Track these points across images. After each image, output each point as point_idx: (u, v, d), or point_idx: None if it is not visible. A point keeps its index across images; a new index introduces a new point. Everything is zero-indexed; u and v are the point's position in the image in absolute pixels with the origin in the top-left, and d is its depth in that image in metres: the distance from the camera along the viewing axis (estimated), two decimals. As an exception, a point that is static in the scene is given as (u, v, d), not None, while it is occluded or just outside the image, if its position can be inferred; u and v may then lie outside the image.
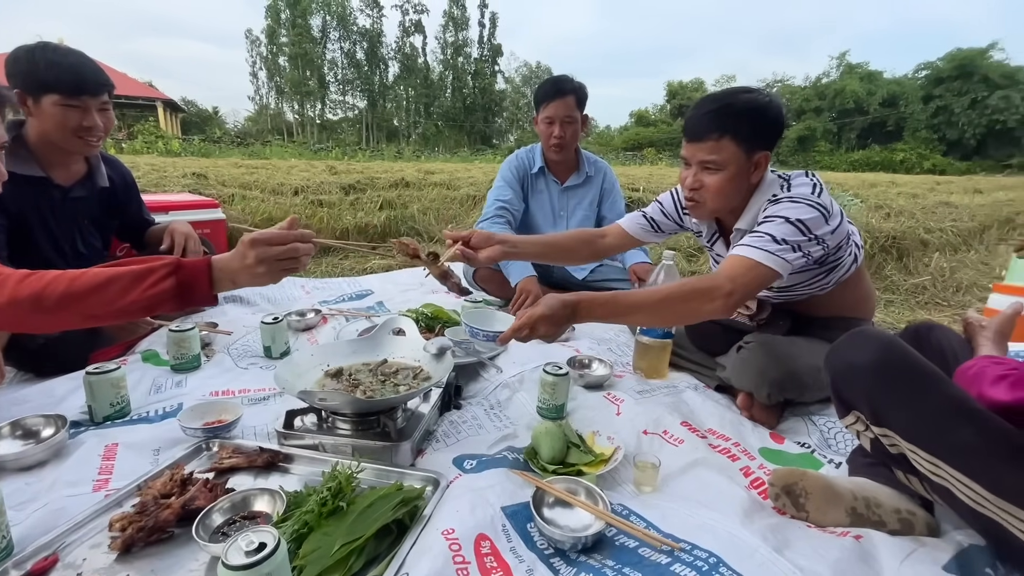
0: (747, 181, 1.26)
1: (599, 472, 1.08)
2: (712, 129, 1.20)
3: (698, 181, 1.26)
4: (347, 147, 28.65)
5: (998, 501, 0.74)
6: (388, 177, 7.55)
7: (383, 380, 1.28)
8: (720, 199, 1.27)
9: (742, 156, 1.21)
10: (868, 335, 0.92)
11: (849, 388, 0.91)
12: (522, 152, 2.28)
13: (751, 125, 1.20)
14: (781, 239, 1.15)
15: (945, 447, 0.78)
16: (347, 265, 3.03)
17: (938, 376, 0.83)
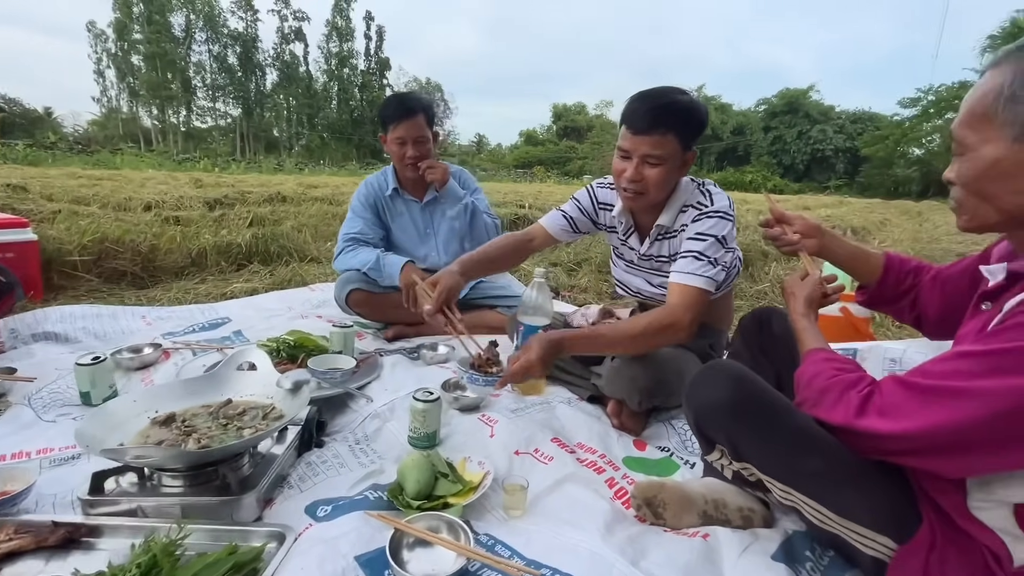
0: (677, 177, 1.36)
1: (467, 502, 1.04)
2: (659, 124, 1.25)
3: (639, 174, 1.29)
4: (219, 158, 26.16)
5: (840, 520, 0.83)
6: (263, 191, 7.00)
7: (225, 424, 1.13)
8: (660, 191, 1.33)
9: (679, 152, 1.29)
10: (721, 371, 0.93)
11: (710, 426, 0.94)
12: (372, 178, 2.20)
13: (690, 124, 1.28)
14: (715, 259, 1.30)
15: (796, 476, 0.85)
16: (203, 290, 2.70)
17: (787, 408, 0.87)
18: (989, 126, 0.69)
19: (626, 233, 1.56)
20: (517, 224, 5.38)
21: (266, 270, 3.14)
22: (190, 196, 5.57)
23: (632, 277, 1.64)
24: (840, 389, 0.79)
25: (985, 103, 0.69)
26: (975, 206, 0.74)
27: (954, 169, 0.76)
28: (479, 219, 2.11)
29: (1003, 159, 0.68)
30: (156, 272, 2.87)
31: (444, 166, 2.05)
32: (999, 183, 0.70)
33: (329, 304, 2.38)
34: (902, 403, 0.71)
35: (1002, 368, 0.63)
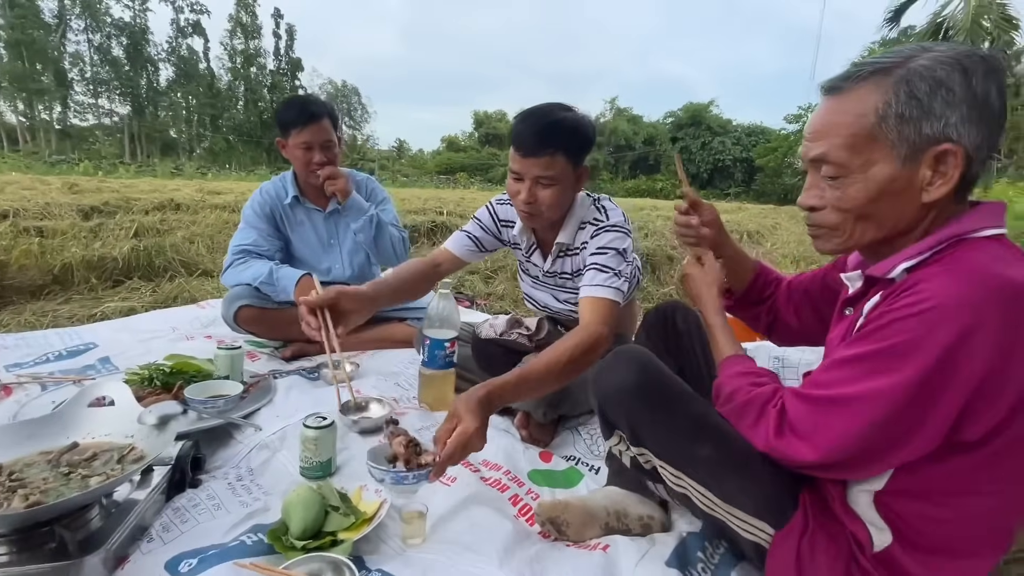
0: (572, 194, 1.36)
1: (359, 536, 0.96)
2: (546, 145, 1.23)
3: (532, 195, 1.28)
4: (103, 160, 23.51)
5: (725, 506, 0.85)
6: (153, 198, 6.35)
7: (67, 473, 0.96)
8: (555, 210, 1.33)
9: (570, 170, 1.29)
10: (628, 356, 0.94)
11: (612, 410, 0.95)
12: (268, 185, 2.04)
13: (578, 141, 1.27)
14: (619, 271, 1.31)
15: (688, 462, 0.86)
16: (65, 312, 2.36)
17: (687, 396, 0.89)
18: (876, 147, 0.67)
19: (529, 250, 1.56)
20: (434, 232, 5.30)
21: (148, 287, 2.82)
22: (60, 203, 4.91)
23: (539, 292, 1.64)
24: (759, 405, 0.78)
25: (864, 124, 0.68)
26: (854, 228, 0.72)
27: (825, 195, 0.73)
28: (384, 232, 2.01)
29: (896, 177, 0.67)
30: (5, 292, 2.47)
31: (346, 177, 1.94)
32: (890, 203, 0.69)
33: (219, 323, 2.17)
34: (806, 417, 0.72)
35: (876, 370, 0.65)
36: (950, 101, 0.64)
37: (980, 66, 0.65)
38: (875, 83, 0.68)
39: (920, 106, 0.65)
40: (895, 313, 0.64)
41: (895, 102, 0.66)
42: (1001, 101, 0.66)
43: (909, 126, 0.65)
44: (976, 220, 0.68)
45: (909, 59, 0.67)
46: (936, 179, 0.66)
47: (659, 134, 41.46)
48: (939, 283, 0.62)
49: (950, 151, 0.65)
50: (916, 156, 0.66)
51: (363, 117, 48.27)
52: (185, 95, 40.43)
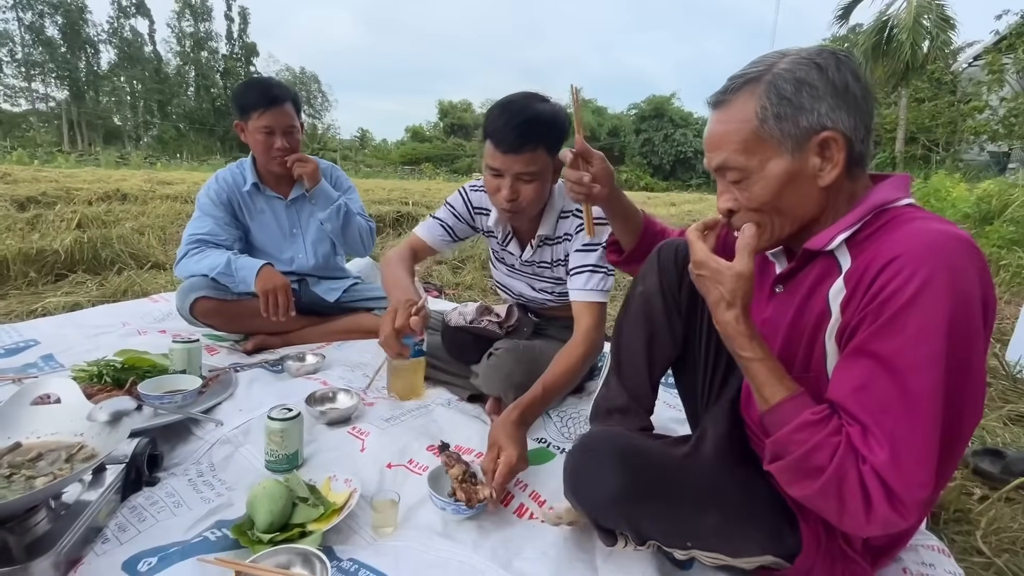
0: (551, 185, 1.34)
1: (329, 526, 0.95)
2: (527, 141, 1.20)
3: (515, 192, 1.26)
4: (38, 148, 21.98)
5: (734, 559, 0.83)
6: (97, 188, 6.01)
7: (9, 474, 0.90)
8: (536, 205, 1.33)
9: (550, 163, 1.27)
10: (602, 454, 0.83)
11: (608, 518, 0.84)
12: (224, 172, 1.95)
13: (556, 134, 1.24)
14: (606, 268, 1.34)
15: (695, 535, 0.82)
16: (1, 307, 2.20)
17: (676, 467, 0.83)
18: (766, 147, 0.73)
19: (505, 240, 1.55)
20: (400, 223, 5.22)
21: (95, 280, 2.66)
22: (-9, 193, 4.57)
23: (513, 281, 1.64)
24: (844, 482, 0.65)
25: (749, 129, 0.73)
26: (772, 222, 0.77)
27: (736, 197, 0.77)
28: (353, 222, 1.96)
29: (791, 170, 0.73)
30: (-69, 288, 2.29)
31: (315, 161, 1.87)
32: (792, 192, 0.74)
33: (174, 317, 2.07)
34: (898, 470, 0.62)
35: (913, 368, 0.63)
36: (814, 95, 0.71)
37: (831, 60, 0.72)
38: (749, 91, 0.74)
39: (791, 104, 0.71)
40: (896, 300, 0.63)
41: (769, 104, 0.72)
42: (860, 86, 0.72)
43: (787, 122, 0.72)
44: (891, 191, 0.74)
45: (772, 65, 0.74)
46: (826, 164, 0.73)
47: (623, 125, 41.93)
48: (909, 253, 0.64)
49: (830, 137, 0.71)
50: (802, 147, 0.72)
51: (323, 106, 46.83)
52: (129, 79, 38.22)
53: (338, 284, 2.09)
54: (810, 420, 0.68)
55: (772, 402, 0.72)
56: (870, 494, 0.63)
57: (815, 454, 0.66)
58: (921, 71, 14.44)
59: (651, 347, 1.03)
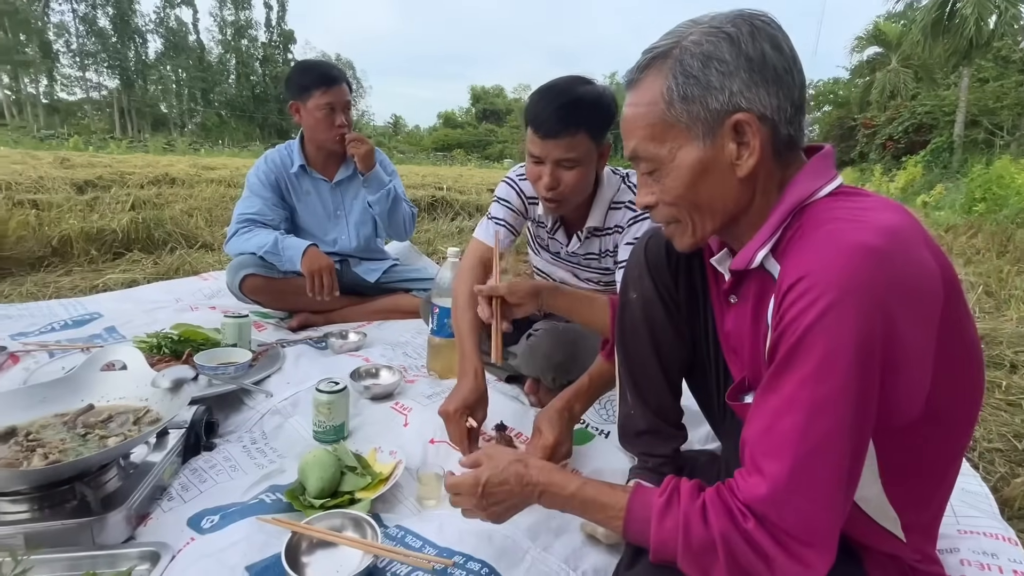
0: (595, 172, 1.27)
1: (376, 495, 0.98)
2: (567, 125, 1.14)
3: (555, 179, 1.19)
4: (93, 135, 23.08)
5: None
6: (147, 172, 6.26)
7: (84, 434, 0.97)
8: (579, 193, 1.25)
9: (593, 149, 1.20)
10: None
11: None
12: (273, 153, 2.00)
13: (600, 117, 1.18)
14: None
15: None
16: (67, 283, 2.34)
17: None
18: (675, 133, 0.65)
19: (553, 228, 1.49)
20: (435, 207, 5.25)
21: (149, 259, 2.79)
22: (53, 177, 4.83)
23: (556, 270, 1.60)
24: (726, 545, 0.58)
25: (657, 113, 0.65)
26: (692, 218, 0.69)
27: (653, 190, 0.70)
28: (400, 206, 2.00)
29: (704, 158, 0.64)
30: (4, 264, 2.44)
31: (370, 144, 1.89)
32: (707, 184, 0.65)
33: (223, 294, 2.16)
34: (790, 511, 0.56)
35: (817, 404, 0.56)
36: (724, 71, 0.62)
37: (744, 28, 0.62)
38: (657, 69, 0.65)
39: (698, 83, 0.62)
40: (796, 329, 0.56)
41: (675, 85, 0.63)
42: (782, 56, 0.62)
43: (695, 105, 0.63)
44: (809, 181, 0.64)
45: (682, 38, 0.64)
46: (742, 151, 0.63)
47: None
48: (812, 274, 0.55)
49: (743, 120, 0.62)
50: (714, 132, 0.63)
51: (358, 92, 47.43)
52: (175, 68, 39.53)
53: (378, 265, 2.13)
54: (662, 505, 0.63)
55: (621, 511, 0.66)
56: (757, 542, 0.56)
57: (690, 532, 0.60)
58: (986, 49, 13.50)
59: (660, 356, 0.93)
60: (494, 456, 0.77)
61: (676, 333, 0.91)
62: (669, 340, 0.92)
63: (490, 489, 0.74)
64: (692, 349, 0.93)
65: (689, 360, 0.95)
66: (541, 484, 0.72)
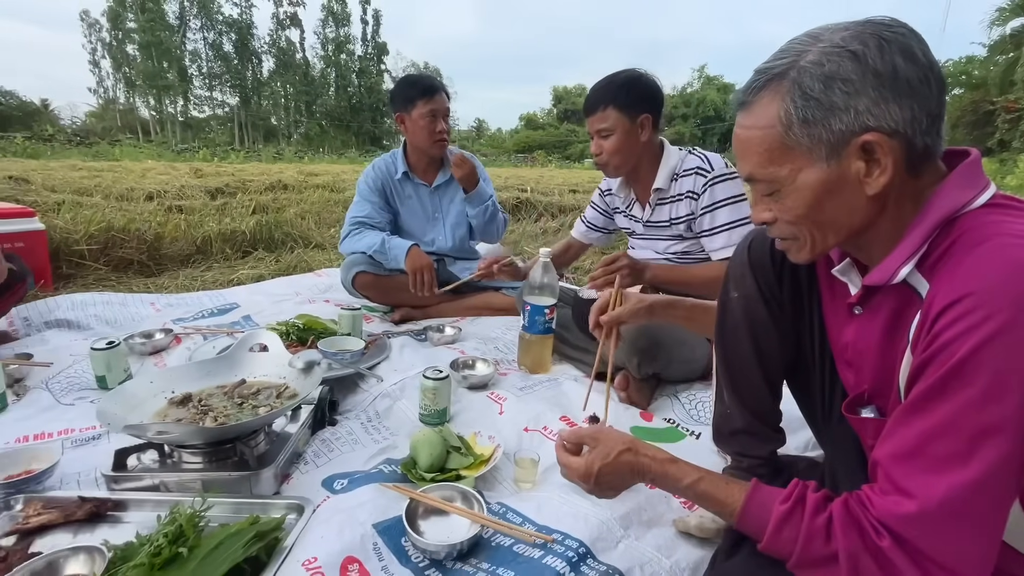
0: (638, 140, 1.49)
1: (478, 474, 1.07)
2: (599, 102, 1.45)
3: (599, 147, 1.50)
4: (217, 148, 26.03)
5: None
6: (264, 180, 6.99)
7: (240, 403, 1.15)
8: (618, 156, 1.50)
9: (626, 120, 1.45)
10: None
11: None
12: (379, 161, 2.19)
13: (629, 93, 1.44)
14: (737, 222, 1.45)
15: None
16: (209, 277, 2.72)
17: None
18: (795, 155, 0.63)
19: (629, 206, 1.70)
20: (519, 208, 5.37)
21: (271, 256, 3.16)
22: (191, 185, 5.58)
23: (642, 251, 1.69)
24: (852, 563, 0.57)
25: (775, 136, 0.63)
26: (813, 235, 0.67)
27: (771, 207, 0.69)
28: (496, 218, 2.16)
29: (828, 179, 0.62)
30: (162, 260, 2.89)
31: (472, 164, 2.03)
32: (832, 203, 0.64)
33: (335, 289, 2.40)
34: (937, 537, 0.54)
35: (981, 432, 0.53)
36: (850, 91, 0.59)
37: (871, 43, 0.58)
38: (772, 91, 0.63)
39: (820, 105, 0.60)
40: (958, 350, 0.52)
41: (793, 108, 0.61)
42: (916, 67, 0.58)
43: (818, 127, 0.60)
44: (958, 192, 0.60)
45: (799, 57, 0.61)
46: (873, 169, 0.60)
47: (752, 103, 38.42)
48: (980, 292, 0.52)
49: (871, 140, 0.59)
50: (839, 152, 0.61)
51: (445, 98, 49.21)
52: (283, 84, 43.48)
53: (471, 265, 2.25)
54: (784, 513, 0.62)
55: (737, 509, 0.67)
56: (891, 561, 0.55)
57: (810, 546, 0.59)
58: None
59: (761, 356, 0.92)
60: (602, 441, 0.79)
61: (779, 334, 0.90)
62: (771, 340, 0.90)
63: (602, 478, 0.77)
64: (796, 351, 0.91)
65: (792, 362, 0.93)
66: (654, 473, 0.76)
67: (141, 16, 35.79)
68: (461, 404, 1.40)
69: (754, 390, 0.96)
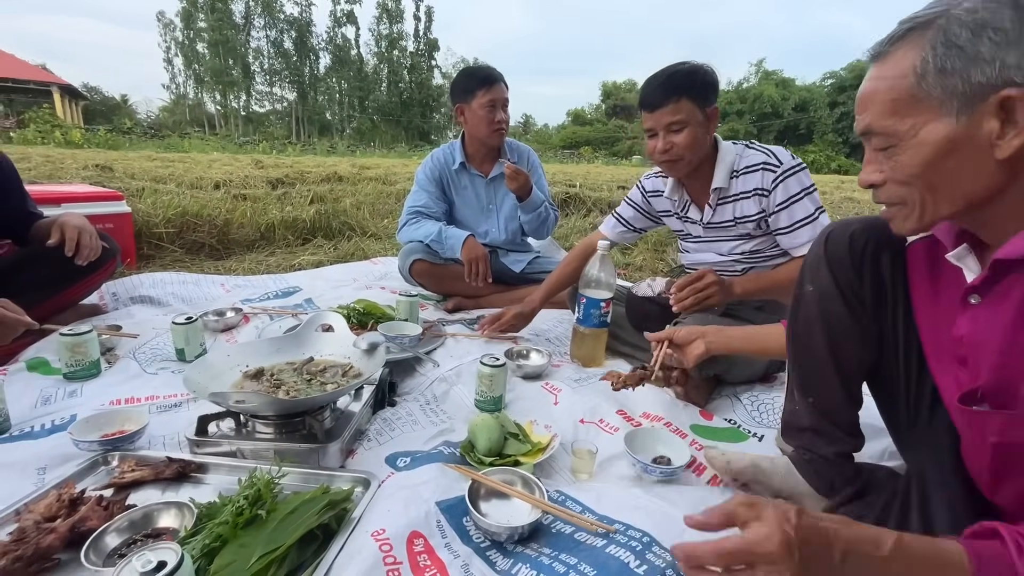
0: (707, 134, 1.42)
1: (536, 461, 1.07)
2: (670, 94, 1.36)
3: (668, 143, 1.39)
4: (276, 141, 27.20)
5: None
6: (320, 172, 7.24)
7: (309, 379, 1.20)
8: (692, 151, 1.41)
9: (698, 112, 1.37)
10: None
11: None
12: (438, 152, 2.21)
13: (699, 84, 1.37)
14: (818, 210, 1.39)
15: None
16: (273, 262, 2.85)
17: None
18: (922, 108, 0.60)
19: (683, 209, 1.59)
20: (567, 203, 5.34)
21: (330, 244, 3.28)
22: (254, 176, 5.85)
23: (701, 254, 1.62)
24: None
25: (904, 86, 0.61)
26: (924, 200, 0.64)
27: (883, 167, 0.65)
28: (547, 221, 2.17)
29: (954, 136, 0.59)
30: (230, 244, 3.06)
31: (525, 175, 2.00)
32: (953, 165, 0.60)
33: (390, 276, 2.47)
34: None
35: None
36: (1000, 41, 0.55)
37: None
38: (914, 40, 0.60)
39: (963, 54, 0.57)
40: None
41: (932, 56, 0.58)
42: None
43: (954, 78, 0.57)
44: None
45: (952, 6, 0.58)
46: (1008, 130, 0.56)
47: (814, 99, 36.55)
48: None
49: (1015, 97, 0.55)
50: (973, 107, 0.57)
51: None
52: (338, 80, 44.85)
53: (523, 257, 2.26)
54: None
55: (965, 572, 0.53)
56: None
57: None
58: None
59: (837, 354, 0.87)
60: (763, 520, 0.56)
61: (859, 331, 0.85)
62: (848, 339, 0.86)
63: None
64: (879, 351, 0.86)
65: (874, 362, 0.88)
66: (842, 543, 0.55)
67: (211, 16, 37.79)
68: (515, 393, 1.41)
69: (827, 389, 0.91)
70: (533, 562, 0.80)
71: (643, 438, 1.12)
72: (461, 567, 0.80)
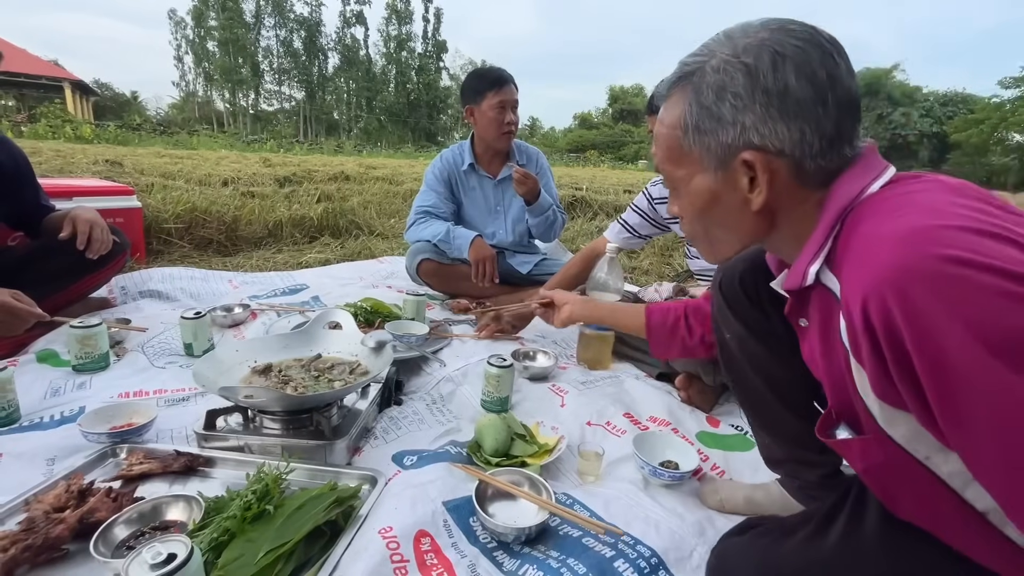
0: None
1: (543, 462, 1.07)
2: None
3: None
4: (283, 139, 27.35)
5: None
6: (327, 170, 7.27)
7: (316, 376, 1.20)
8: None
9: None
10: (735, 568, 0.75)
11: None
12: (447, 153, 2.22)
13: None
14: None
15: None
16: (280, 259, 2.86)
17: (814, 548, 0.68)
18: (691, 159, 0.64)
19: None
20: (574, 206, 5.34)
21: (336, 242, 3.29)
22: (261, 174, 5.88)
23: None
24: None
25: (676, 137, 0.64)
26: (710, 238, 0.69)
27: (676, 204, 0.71)
28: (555, 224, 2.17)
29: (715, 189, 0.63)
30: (238, 241, 3.08)
31: (535, 180, 2.00)
32: (721, 213, 0.64)
33: (397, 276, 2.47)
34: None
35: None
36: (738, 106, 0.58)
37: (766, 58, 0.56)
38: (680, 91, 0.63)
39: (711, 115, 0.60)
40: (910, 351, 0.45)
41: (689, 114, 0.61)
42: (811, 86, 0.55)
43: (708, 137, 0.61)
44: (854, 182, 0.57)
45: (708, 59, 0.60)
46: (755, 187, 0.60)
47: (822, 106, 36.43)
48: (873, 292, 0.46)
49: (750, 160, 0.58)
50: (726, 165, 0.61)
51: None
52: (347, 80, 45.07)
53: (530, 258, 2.26)
54: None
55: None
56: None
57: None
58: None
59: (773, 388, 0.87)
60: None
61: (784, 364, 0.83)
62: (778, 373, 0.86)
63: None
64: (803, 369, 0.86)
65: (814, 385, 0.86)
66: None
67: (221, 15, 38.06)
68: (522, 394, 1.41)
69: (781, 423, 0.90)
70: (540, 564, 0.80)
71: (651, 442, 1.12)
72: (468, 567, 0.80)
